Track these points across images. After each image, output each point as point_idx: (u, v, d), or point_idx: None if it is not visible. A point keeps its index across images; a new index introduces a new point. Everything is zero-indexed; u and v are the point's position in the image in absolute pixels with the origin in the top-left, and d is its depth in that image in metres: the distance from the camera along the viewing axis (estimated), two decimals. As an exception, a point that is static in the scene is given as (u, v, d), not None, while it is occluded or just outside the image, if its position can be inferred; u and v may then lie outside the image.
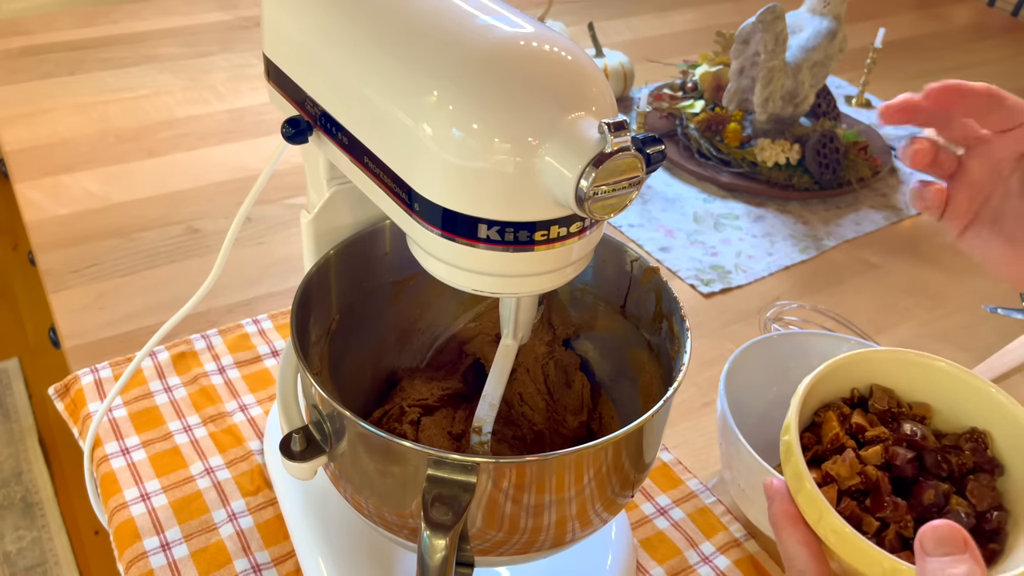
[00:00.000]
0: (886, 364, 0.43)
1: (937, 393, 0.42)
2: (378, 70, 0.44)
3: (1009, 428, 0.40)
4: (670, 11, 1.65)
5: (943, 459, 0.40)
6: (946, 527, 0.33)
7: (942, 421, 0.42)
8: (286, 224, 0.98)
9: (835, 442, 0.41)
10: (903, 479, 0.40)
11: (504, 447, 0.60)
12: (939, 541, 0.32)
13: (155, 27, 1.40)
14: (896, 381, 0.43)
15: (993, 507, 0.39)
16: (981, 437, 0.40)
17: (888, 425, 0.41)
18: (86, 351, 0.79)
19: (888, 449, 0.40)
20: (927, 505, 0.39)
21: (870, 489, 0.39)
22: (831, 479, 0.39)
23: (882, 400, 0.42)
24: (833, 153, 1.11)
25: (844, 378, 0.43)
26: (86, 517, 1.58)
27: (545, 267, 0.43)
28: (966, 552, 0.32)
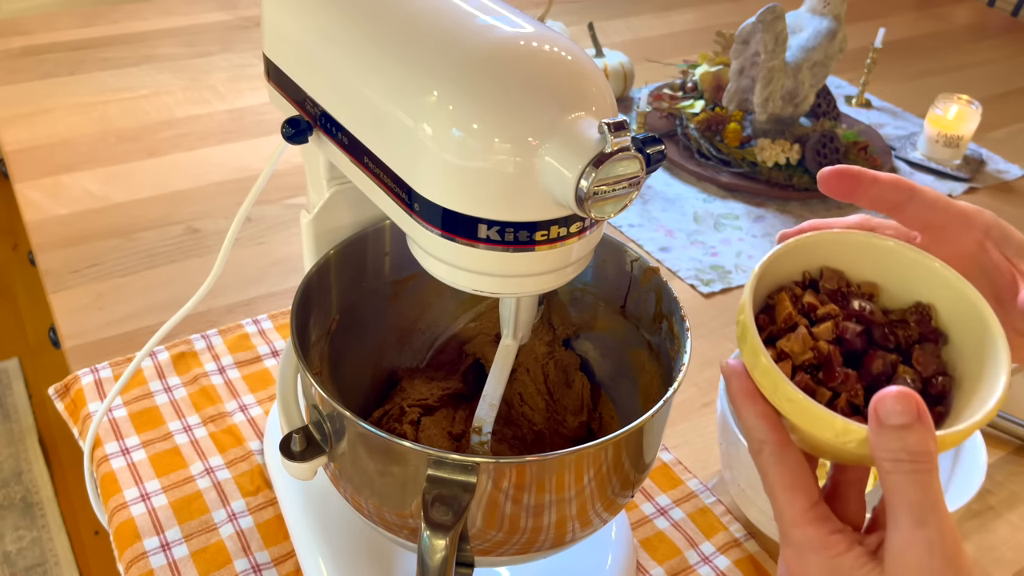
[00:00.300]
0: (836, 246, 0.44)
1: (885, 272, 0.43)
2: (378, 70, 0.44)
3: (952, 300, 0.41)
4: (670, 11, 1.65)
5: (891, 332, 0.42)
6: (901, 393, 0.34)
7: (890, 299, 0.44)
8: (286, 224, 0.98)
9: (788, 321, 0.42)
10: (853, 352, 0.41)
11: (504, 447, 0.60)
12: (895, 404, 0.34)
13: (155, 27, 1.40)
14: (846, 263, 0.44)
15: (938, 373, 0.41)
16: (925, 310, 0.42)
17: (838, 303, 0.43)
18: (86, 351, 0.79)
19: (838, 324, 0.41)
20: (876, 374, 0.40)
21: (822, 363, 0.41)
22: (785, 355, 0.41)
23: (832, 280, 0.43)
24: (833, 153, 1.11)
25: (796, 262, 0.44)
26: (86, 517, 1.58)
27: (545, 267, 0.43)
28: (919, 420, 0.34)
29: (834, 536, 0.37)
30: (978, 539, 0.70)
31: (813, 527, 0.37)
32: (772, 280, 0.44)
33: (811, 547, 0.37)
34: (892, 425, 0.34)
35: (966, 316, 0.41)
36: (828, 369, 0.40)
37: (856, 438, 0.37)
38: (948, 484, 0.67)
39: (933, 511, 0.35)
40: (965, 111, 1.20)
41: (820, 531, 0.37)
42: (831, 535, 0.37)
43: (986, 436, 0.69)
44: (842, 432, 0.37)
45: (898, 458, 0.34)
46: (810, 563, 0.38)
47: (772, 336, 0.42)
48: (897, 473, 0.35)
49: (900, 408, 0.34)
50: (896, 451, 0.34)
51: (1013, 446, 0.78)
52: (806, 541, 0.38)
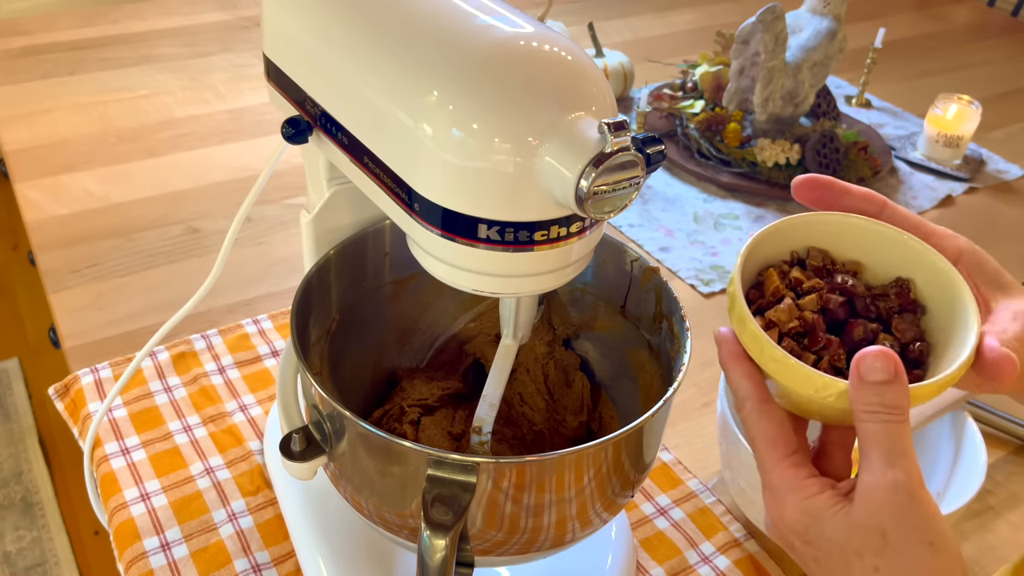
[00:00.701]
0: (821, 227, 0.47)
1: (867, 250, 0.46)
2: (378, 70, 0.44)
3: (929, 274, 0.44)
4: (670, 11, 1.65)
5: (872, 303, 0.45)
6: (881, 351, 0.38)
7: (872, 276, 0.47)
8: (286, 224, 0.98)
9: (776, 294, 0.45)
10: (836, 321, 0.44)
11: (504, 447, 0.60)
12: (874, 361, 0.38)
13: (155, 27, 1.40)
14: (831, 243, 0.47)
15: (916, 339, 0.44)
16: (905, 283, 0.45)
17: (823, 278, 0.46)
18: (86, 351, 0.79)
19: (823, 296, 0.44)
20: (857, 340, 0.43)
21: (807, 330, 0.44)
22: (773, 324, 0.44)
23: (817, 258, 0.46)
24: (833, 153, 1.11)
25: (784, 242, 0.47)
26: (86, 517, 1.58)
27: (545, 267, 0.43)
28: (896, 377, 0.38)
29: (809, 480, 0.41)
30: (978, 539, 0.70)
31: (790, 471, 0.41)
32: (762, 258, 0.47)
33: (787, 488, 0.41)
34: (871, 381, 0.38)
35: (942, 289, 0.44)
36: (812, 335, 0.43)
37: (835, 391, 0.39)
38: (948, 484, 0.67)
39: (902, 456, 0.38)
40: (965, 111, 1.20)
41: (797, 475, 0.41)
42: (806, 479, 0.41)
43: (986, 436, 0.69)
44: (822, 387, 0.40)
45: (874, 410, 0.38)
46: (786, 503, 0.41)
47: (761, 308, 0.45)
48: (872, 422, 0.38)
49: (880, 365, 0.38)
50: (873, 404, 0.38)
51: (1013, 446, 0.78)
52: (782, 483, 0.41)
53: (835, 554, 0.39)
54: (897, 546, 0.38)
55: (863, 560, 0.38)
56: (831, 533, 0.39)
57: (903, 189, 1.16)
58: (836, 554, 0.39)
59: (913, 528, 0.37)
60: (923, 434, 0.70)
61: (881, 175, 1.16)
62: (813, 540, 0.40)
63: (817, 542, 0.40)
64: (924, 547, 0.37)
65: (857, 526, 0.38)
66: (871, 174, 1.14)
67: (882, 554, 0.38)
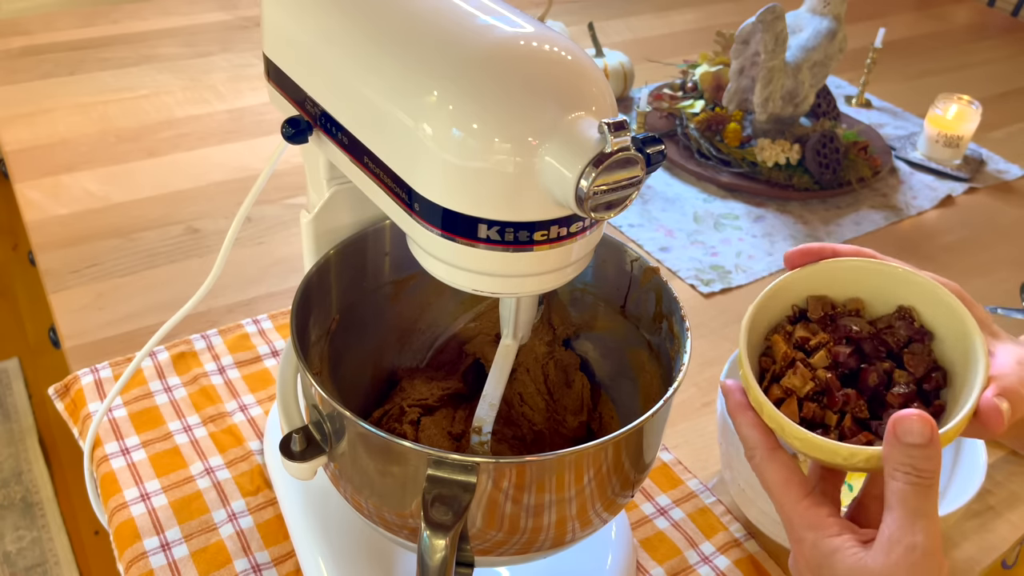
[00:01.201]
0: (814, 278, 0.48)
1: (864, 287, 0.47)
2: (378, 70, 0.44)
3: (929, 300, 0.45)
4: (670, 11, 1.65)
5: (880, 343, 0.45)
6: (920, 416, 0.39)
7: (874, 310, 0.47)
8: (286, 224, 0.98)
9: (786, 359, 0.46)
10: (850, 371, 0.45)
11: (504, 447, 0.60)
12: (912, 425, 0.39)
13: (155, 27, 1.40)
14: (828, 288, 0.48)
15: (931, 370, 0.44)
16: (908, 312, 0.46)
17: (827, 328, 0.46)
18: (86, 351, 0.79)
19: (831, 350, 0.45)
20: (873, 387, 0.44)
21: (824, 390, 0.45)
22: (791, 392, 0.45)
23: (817, 309, 0.47)
24: (833, 153, 1.11)
25: (783, 301, 0.48)
26: (86, 517, 1.58)
27: (545, 267, 0.43)
28: (932, 441, 0.39)
29: (829, 519, 0.42)
30: (978, 539, 0.70)
31: (810, 511, 0.42)
32: (766, 322, 0.48)
33: (807, 526, 0.42)
34: (908, 443, 0.39)
35: (944, 314, 0.45)
36: (830, 396, 0.44)
37: (863, 457, 0.41)
38: (948, 484, 0.67)
39: (926, 518, 0.39)
40: (965, 111, 1.20)
41: (818, 513, 0.42)
42: (827, 517, 0.42)
43: (986, 436, 0.69)
44: (849, 456, 0.41)
45: (907, 471, 0.39)
46: (805, 540, 0.42)
47: (776, 376, 0.46)
48: (904, 482, 0.39)
49: (919, 429, 0.39)
50: (907, 465, 0.39)
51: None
52: (803, 521, 0.42)
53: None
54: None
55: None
56: (844, 575, 0.40)
57: (903, 189, 1.16)
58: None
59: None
60: (923, 434, 0.70)
61: (881, 175, 1.16)
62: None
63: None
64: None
65: (869, 572, 0.39)
66: (871, 174, 1.14)
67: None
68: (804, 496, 0.43)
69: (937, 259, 1.03)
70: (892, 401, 0.44)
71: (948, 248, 1.05)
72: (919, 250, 1.05)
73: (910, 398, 0.44)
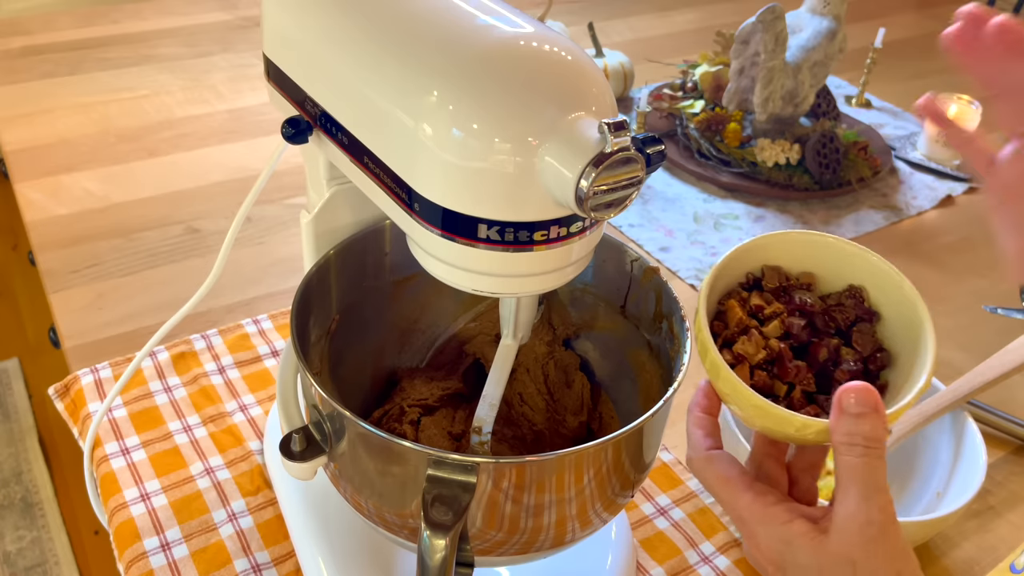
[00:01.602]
0: (771, 248, 0.48)
1: (817, 261, 0.48)
2: (378, 70, 0.44)
3: (879, 280, 0.46)
4: (671, 11, 1.65)
5: (830, 318, 0.46)
6: (863, 387, 0.39)
7: (826, 284, 0.48)
8: (286, 224, 0.98)
9: (740, 325, 0.46)
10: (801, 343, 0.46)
11: (504, 447, 0.60)
12: (857, 396, 0.39)
13: (155, 27, 1.40)
14: (782, 259, 0.48)
15: (876, 350, 0.45)
16: (858, 292, 0.47)
17: (781, 299, 0.47)
18: (86, 351, 0.79)
19: (784, 321, 0.46)
20: (823, 361, 0.45)
21: (775, 359, 0.45)
22: (742, 358, 0.45)
23: (772, 278, 0.48)
24: (833, 153, 1.11)
25: (739, 267, 0.48)
26: (86, 517, 1.58)
27: (545, 267, 0.43)
28: (875, 411, 0.39)
29: (776, 508, 0.42)
30: (978, 539, 0.70)
31: (756, 504, 0.42)
32: (721, 287, 0.48)
33: (757, 520, 0.42)
34: (852, 414, 0.39)
35: (893, 295, 0.45)
36: (781, 366, 0.45)
37: (816, 429, 0.41)
38: (948, 484, 0.67)
39: (878, 491, 0.39)
40: (965, 111, 1.20)
41: (764, 504, 0.42)
42: (772, 506, 0.42)
43: (986, 436, 0.69)
44: (802, 427, 0.42)
45: (854, 442, 0.39)
46: (759, 535, 0.42)
47: (728, 340, 0.46)
48: (851, 455, 0.40)
49: (863, 399, 0.39)
50: (853, 435, 0.39)
51: (1013, 446, 0.78)
52: (752, 516, 0.42)
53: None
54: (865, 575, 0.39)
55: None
56: (804, 561, 0.41)
57: (903, 189, 1.16)
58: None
59: (882, 559, 0.39)
60: (923, 434, 0.70)
61: (881, 175, 1.16)
62: (788, 568, 0.41)
63: (791, 570, 0.41)
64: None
65: (829, 555, 0.40)
66: (871, 174, 1.14)
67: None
68: (747, 490, 0.43)
69: (937, 259, 1.03)
70: (839, 377, 0.44)
71: (948, 248, 1.05)
72: (919, 250, 1.05)
73: (856, 375, 0.44)
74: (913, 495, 0.70)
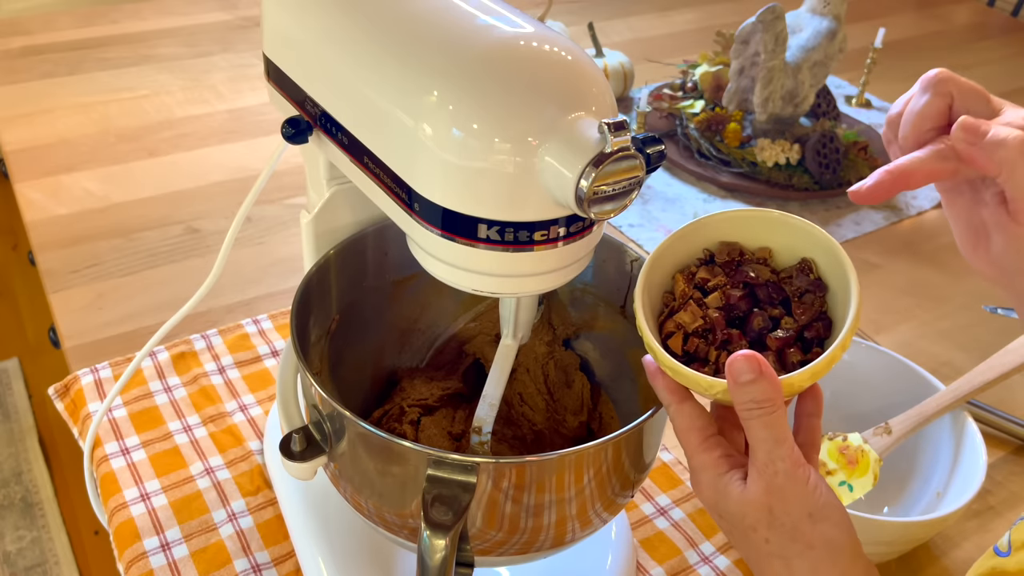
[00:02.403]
0: (728, 224, 0.50)
1: (772, 238, 0.49)
2: (378, 70, 0.44)
3: (824, 254, 0.47)
4: (670, 11, 1.65)
5: (775, 290, 0.48)
6: (746, 355, 0.42)
7: (782, 259, 0.49)
8: (286, 224, 0.98)
9: (683, 297, 0.48)
10: (742, 314, 0.48)
11: (504, 447, 0.60)
12: (741, 364, 0.42)
13: (155, 27, 1.40)
14: (740, 236, 0.50)
15: (816, 319, 0.47)
16: (807, 264, 0.48)
17: (729, 273, 0.49)
18: (86, 351, 0.79)
19: (724, 292, 0.48)
20: (759, 329, 0.47)
21: (710, 328, 0.47)
22: (681, 327, 0.47)
23: (724, 253, 0.49)
24: (833, 153, 1.11)
25: (694, 243, 0.50)
26: (86, 517, 1.58)
27: (545, 267, 0.43)
28: (761, 375, 0.42)
29: (721, 459, 0.46)
30: (978, 539, 0.70)
31: (705, 454, 0.46)
32: (674, 261, 0.50)
33: (702, 468, 0.46)
34: (742, 382, 0.42)
35: (835, 267, 0.47)
36: (713, 332, 0.47)
37: (721, 389, 0.44)
38: (948, 484, 0.67)
39: (778, 444, 0.43)
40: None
41: (711, 455, 0.46)
42: (719, 458, 0.45)
43: (986, 436, 0.69)
44: (708, 387, 0.44)
45: (750, 407, 0.42)
46: (702, 481, 0.46)
47: (673, 311, 0.48)
48: (750, 418, 0.43)
49: (746, 367, 0.42)
50: (748, 402, 0.42)
51: (1013, 446, 0.78)
52: (700, 465, 0.46)
53: (737, 526, 0.45)
54: (780, 520, 0.43)
55: (756, 533, 0.44)
56: (733, 508, 0.45)
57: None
58: (738, 526, 0.45)
59: (793, 502, 0.43)
60: (923, 434, 0.70)
61: (881, 175, 1.16)
62: (723, 514, 0.46)
63: (726, 515, 0.45)
64: (804, 519, 0.43)
65: (750, 503, 0.44)
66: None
67: (770, 527, 0.43)
68: (702, 440, 0.46)
69: (937, 259, 1.03)
70: (771, 344, 0.46)
71: (948, 248, 1.05)
72: (919, 250, 1.05)
73: (788, 342, 0.46)
74: (913, 495, 0.70)
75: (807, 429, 0.47)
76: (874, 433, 0.69)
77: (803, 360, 0.45)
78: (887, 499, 0.71)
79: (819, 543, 0.43)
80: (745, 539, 0.45)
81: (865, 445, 0.66)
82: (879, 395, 0.72)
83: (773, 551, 0.44)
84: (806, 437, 0.47)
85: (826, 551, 0.43)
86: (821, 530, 0.43)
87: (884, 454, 0.67)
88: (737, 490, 0.44)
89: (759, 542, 0.44)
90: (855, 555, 0.44)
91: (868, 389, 0.73)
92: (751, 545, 0.45)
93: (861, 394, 0.74)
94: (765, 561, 0.45)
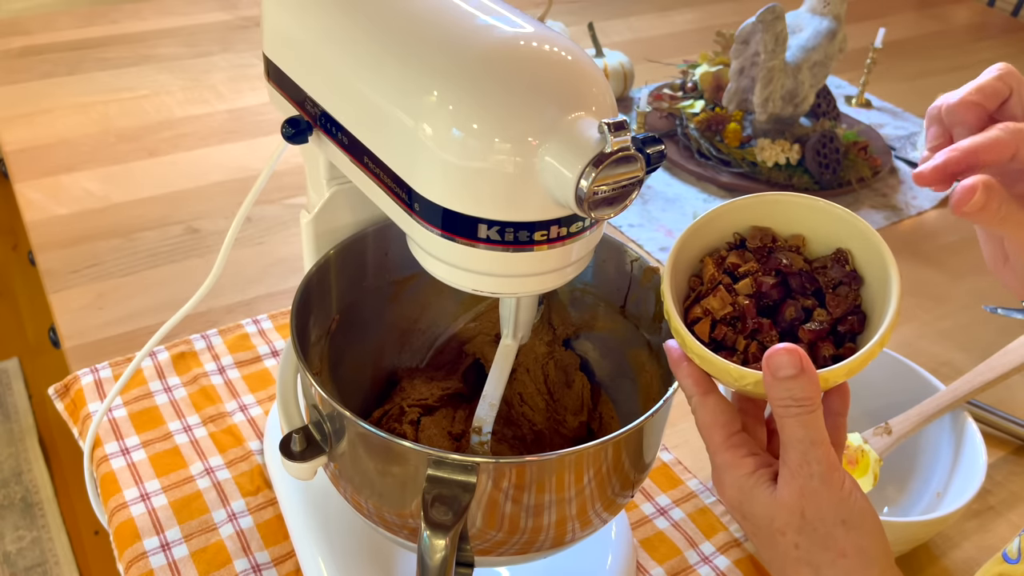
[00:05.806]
0: (759, 209, 0.48)
1: (808, 225, 0.47)
2: (378, 70, 0.44)
3: (863, 246, 0.45)
4: (670, 11, 1.65)
5: (809, 280, 0.46)
6: (788, 349, 0.40)
7: (816, 248, 0.47)
8: (286, 224, 0.98)
9: (712, 281, 0.47)
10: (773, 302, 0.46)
11: (504, 447, 0.60)
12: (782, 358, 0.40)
13: (155, 27, 1.40)
14: (773, 220, 0.48)
15: (850, 313, 0.45)
16: (843, 255, 0.46)
17: (761, 259, 0.47)
18: (86, 351, 0.79)
19: (756, 279, 0.46)
20: (791, 320, 0.45)
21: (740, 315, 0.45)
22: (708, 312, 0.46)
23: (756, 238, 0.47)
24: (833, 153, 1.11)
25: (725, 226, 0.48)
26: (86, 517, 1.58)
27: (545, 267, 0.43)
28: (802, 371, 0.40)
29: (746, 459, 0.44)
30: (978, 539, 0.70)
31: (729, 452, 0.44)
32: (703, 244, 0.48)
33: (726, 467, 0.44)
34: (782, 376, 0.40)
35: (874, 260, 0.45)
36: (743, 320, 0.45)
37: (752, 380, 0.42)
38: (948, 484, 0.67)
39: (815, 445, 0.41)
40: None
41: (735, 455, 0.44)
42: (743, 457, 0.44)
43: (986, 436, 0.69)
44: (738, 377, 0.42)
45: (787, 403, 0.41)
46: (726, 480, 0.44)
47: (701, 296, 0.47)
48: (787, 416, 0.41)
49: (788, 361, 0.40)
50: (785, 399, 0.41)
51: (1013, 446, 0.78)
52: (723, 463, 0.44)
53: (764, 529, 0.43)
54: (813, 525, 0.42)
55: (785, 537, 0.42)
56: (760, 511, 0.43)
57: (903, 189, 1.16)
58: (765, 529, 0.43)
59: (827, 507, 0.41)
60: (923, 434, 0.71)
61: (881, 175, 1.16)
62: (748, 515, 0.44)
63: (751, 517, 0.44)
64: (838, 525, 0.41)
65: (780, 506, 0.42)
66: (871, 174, 1.14)
67: (801, 532, 0.42)
68: (727, 438, 0.44)
69: (937, 259, 1.03)
70: (803, 336, 0.44)
71: (948, 248, 1.05)
72: (919, 250, 1.05)
73: (820, 335, 0.44)
74: (913, 495, 0.70)
75: (833, 428, 0.45)
76: (874, 433, 0.69)
77: (835, 355, 0.43)
78: (887, 499, 0.71)
79: (852, 552, 0.41)
80: (771, 542, 0.43)
81: (865, 445, 0.66)
82: (879, 395, 0.72)
83: (802, 557, 0.42)
84: (833, 437, 0.45)
85: (859, 561, 0.41)
86: (854, 538, 0.41)
87: (884, 454, 0.67)
88: (766, 492, 0.43)
89: (787, 547, 0.42)
90: (887, 566, 0.42)
91: (868, 389, 0.73)
92: (777, 549, 0.43)
93: (861, 394, 0.74)
94: (792, 567, 0.43)
